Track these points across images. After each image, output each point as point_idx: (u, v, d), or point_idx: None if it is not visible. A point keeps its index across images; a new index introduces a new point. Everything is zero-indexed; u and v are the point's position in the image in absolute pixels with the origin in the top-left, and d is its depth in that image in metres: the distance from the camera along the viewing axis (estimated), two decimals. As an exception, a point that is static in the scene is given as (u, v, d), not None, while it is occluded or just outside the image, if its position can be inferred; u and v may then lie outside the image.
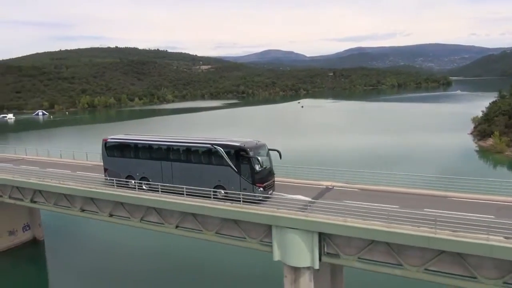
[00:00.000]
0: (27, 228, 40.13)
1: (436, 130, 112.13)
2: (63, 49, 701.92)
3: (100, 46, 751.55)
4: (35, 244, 40.67)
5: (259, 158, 24.72)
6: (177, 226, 26.00)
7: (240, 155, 24.85)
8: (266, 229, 22.04)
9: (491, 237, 16.39)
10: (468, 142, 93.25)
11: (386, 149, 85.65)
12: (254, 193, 24.12)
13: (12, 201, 33.31)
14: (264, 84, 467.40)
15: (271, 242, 21.69)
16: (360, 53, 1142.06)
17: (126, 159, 30.30)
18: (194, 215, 24.82)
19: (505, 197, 21.58)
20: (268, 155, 26.38)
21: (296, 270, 21.10)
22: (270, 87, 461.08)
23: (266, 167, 25.65)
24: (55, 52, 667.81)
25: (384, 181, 26.76)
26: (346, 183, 26.87)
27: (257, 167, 24.66)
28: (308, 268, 20.83)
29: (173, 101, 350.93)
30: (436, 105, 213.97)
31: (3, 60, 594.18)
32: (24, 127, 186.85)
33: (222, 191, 25.23)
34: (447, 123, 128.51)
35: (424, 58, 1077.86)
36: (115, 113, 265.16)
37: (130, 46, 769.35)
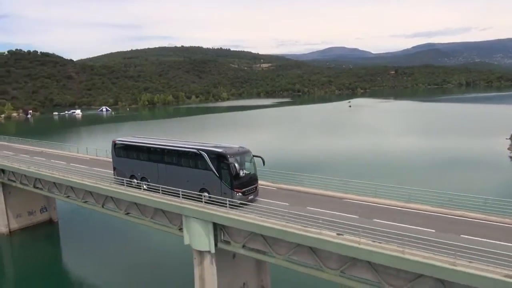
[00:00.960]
0: (44, 210, 47.59)
1: (485, 135, 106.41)
2: (134, 48, 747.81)
3: (167, 46, 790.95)
4: (51, 224, 47.99)
5: (237, 164, 25.19)
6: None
7: (220, 161, 25.60)
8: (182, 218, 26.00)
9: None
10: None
11: (407, 153, 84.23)
12: (233, 197, 24.66)
13: (35, 190, 39.80)
14: (320, 83, 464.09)
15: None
16: (429, 50, 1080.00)
17: (130, 160, 32.09)
18: (137, 204, 29.29)
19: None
20: (251, 161, 26.84)
21: (201, 253, 24.69)
22: (326, 86, 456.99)
23: (247, 173, 26.09)
24: (127, 51, 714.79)
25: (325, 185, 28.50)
26: (272, 183, 29.90)
27: (236, 173, 25.15)
28: (209, 252, 24.51)
29: (228, 99, 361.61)
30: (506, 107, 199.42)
31: (81, 60, 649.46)
32: (87, 121, 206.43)
33: (207, 194, 26.06)
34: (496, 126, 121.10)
35: (504, 54, 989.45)
36: (173, 110, 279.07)
37: (195, 45, 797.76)
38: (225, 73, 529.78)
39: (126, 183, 30.35)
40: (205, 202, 25.19)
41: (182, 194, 25.83)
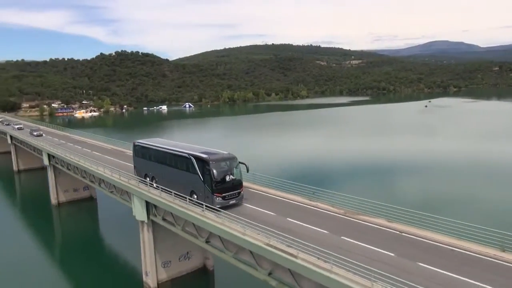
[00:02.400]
0: (86, 188, 59.66)
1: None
2: (227, 47, 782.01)
3: (259, 44, 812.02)
4: (91, 200, 59.99)
5: (216, 170, 26.54)
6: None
7: (204, 166, 27.16)
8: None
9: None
10: None
11: (452, 161, 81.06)
12: (213, 201, 26.27)
13: (73, 174, 51.21)
14: (409, 81, 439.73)
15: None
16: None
17: (144, 160, 35.02)
18: (115, 187, 37.97)
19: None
20: (235, 167, 27.82)
21: (141, 223, 32.55)
22: (415, 84, 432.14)
23: (230, 179, 27.08)
24: (220, 50, 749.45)
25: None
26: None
27: (216, 178, 26.43)
28: (144, 222, 32.20)
29: (307, 97, 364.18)
30: None
31: (179, 59, 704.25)
32: (170, 116, 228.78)
33: (195, 196, 27.93)
34: None
35: None
36: (253, 107, 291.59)
37: (285, 43, 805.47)
38: (310, 70, 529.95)
39: (140, 180, 33.77)
40: (192, 203, 27.14)
41: (175, 194, 28.43)
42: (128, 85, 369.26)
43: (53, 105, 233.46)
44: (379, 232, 21.64)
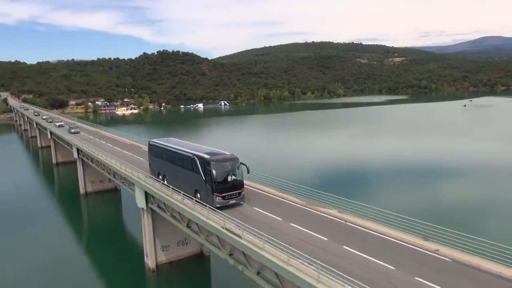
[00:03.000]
0: (111, 180, 65.41)
1: None
2: (267, 45, 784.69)
3: (300, 42, 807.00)
4: (115, 191, 65.34)
5: (216, 170, 27.33)
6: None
7: (205, 166, 27.98)
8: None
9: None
10: None
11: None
12: (213, 201, 27.14)
13: (95, 167, 56.81)
14: (452, 79, 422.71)
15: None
16: None
17: (157, 159, 36.59)
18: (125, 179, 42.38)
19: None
20: (237, 168, 28.44)
21: (142, 209, 36.66)
22: (459, 82, 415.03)
23: (230, 179, 27.72)
24: (260, 49, 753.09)
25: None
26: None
27: (216, 178, 27.21)
28: (144, 209, 36.28)
29: (344, 96, 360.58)
30: None
31: (219, 57, 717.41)
32: (205, 114, 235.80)
33: (199, 195, 28.84)
34: None
35: None
36: (288, 105, 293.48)
37: (326, 41, 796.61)
38: (349, 68, 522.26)
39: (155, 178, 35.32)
40: (197, 202, 27.93)
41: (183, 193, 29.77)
42: (168, 83, 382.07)
43: (97, 102, 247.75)
44: (331, 222, 24.22)
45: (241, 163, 29.08)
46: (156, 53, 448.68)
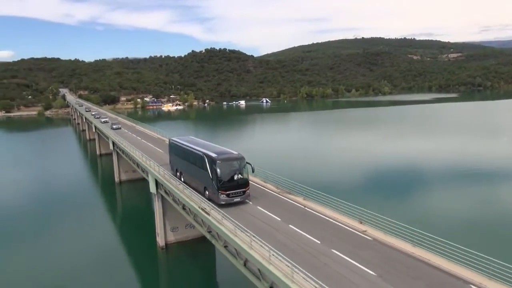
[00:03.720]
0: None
1: None
2: (314, 42, 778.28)
3: (350, 38, 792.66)
4: (144, 180, 70.77)
5: (221, 169, 28.55)
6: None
7: (212, 164, 29.22)
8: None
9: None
10: None
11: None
12: (218, 198, 28.51)
13: (125, 158, 63.77)
14: (510, 76, 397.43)
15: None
16: None
17: (175, 156, 38.78)
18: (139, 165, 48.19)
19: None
20: (242, 167, 29.50)
21: (154, 194, 42.15)
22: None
23: (235, 178, 28.90)
24: (307, 45, 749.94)
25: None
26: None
27: (221, 176, 28.41)
28: (155, 194, 41.75)
29: (390, 93, 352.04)
30: None
31: (267, 54, 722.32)
32: (246, 111, 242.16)
33: (207, 192, 30.29)
34: None
35: None
36: (331, 103, 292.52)
37: (377, 36, 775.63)
38: (399, 65, 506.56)
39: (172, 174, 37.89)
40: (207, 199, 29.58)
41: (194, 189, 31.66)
42: (214, 80, 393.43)
43: (145, 99, 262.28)
44: (296, 209, 28.12)
45: (247, 163, 30.13)
46: (204, 50, 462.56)
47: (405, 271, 17.63)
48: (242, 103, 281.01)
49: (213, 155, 29.86)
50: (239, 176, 29.28)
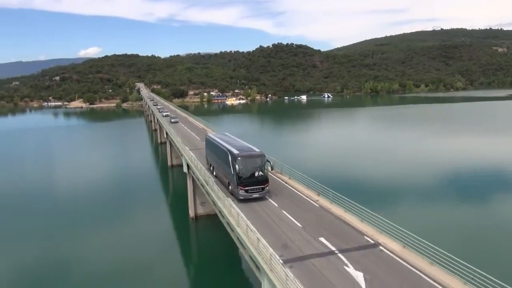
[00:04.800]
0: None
1: None
2: (388, 35, 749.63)
3: (425, 30, 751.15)
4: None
5: (241, 165, 29.68)
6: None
7: (234, 160, 30.26)
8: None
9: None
10: None
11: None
12: (237, 193, 29.88)
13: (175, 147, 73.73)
14: None
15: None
16: None
17: (210, 151, 40.62)
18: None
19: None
20: (262, 164, 30.39)
21: (186, 174, 50.48)
22: None
23: (256, 174, 29.81)
24: (380, 38, 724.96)
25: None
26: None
27: (240, 172, 29.55)
28: (187, 173, 50.05)
29: (463, 89, 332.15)
30: None
31: (337, 48, 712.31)
32: (307, 105, 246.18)
33: (231, 187, 31.67)
34: None
35: None
36: (397, 98, 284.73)
37: (458, 27, 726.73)
38: (478, 58, 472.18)
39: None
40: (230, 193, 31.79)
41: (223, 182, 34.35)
42: (280, 75, 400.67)
43: (211, 93, 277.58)
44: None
45: (267, 160, 31.20)
46: (271, 46, 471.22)
47: (324, 226, 23.37)
48: (304, 97, 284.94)
49: (235, 151, 31.07)
50: (260, 173, 30.13)
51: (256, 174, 29.92)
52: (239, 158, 29.84)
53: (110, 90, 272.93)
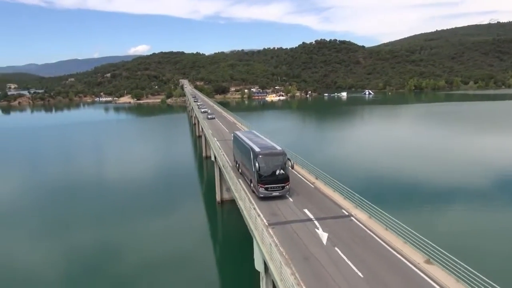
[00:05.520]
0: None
1: None
2: (439, 29, 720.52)
3: (480, 23, 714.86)
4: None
5: (262, 163, 29.86)
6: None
7: (255, 158, 30.58)
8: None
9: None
10: None
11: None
12: (258, 190, 29.98)
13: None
14: None
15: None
16: None
17: (236, 149, 41.32)
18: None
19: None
20: (283, 162, 30.36)
21: (213, 162, 56.14)
22: None
23: (277, 173, 29.81)
24: (429, 33, 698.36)
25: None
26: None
27: (260, 170, 29.76)
28: (215, 162, 55.55)
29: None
30: None
31: (383, 44, 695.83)
32: (348, 102, 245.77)
33: (252, 184, 32.13)
34: None
35: None
36: (443, 96, 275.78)
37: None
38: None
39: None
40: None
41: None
42: (321, 72, 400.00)
43: (252, 89, 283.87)
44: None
45: (288, 159, 31.29)
46: (314, 42, 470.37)
47: (313, 201, 27.74)
48: (344, 94, 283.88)
49: (257, 149, 31.41)
50: (281, 171, 30.17)
51: (277, 172, 30.05)
52: (260, 156, 30.25)
53: (156, 87, 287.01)
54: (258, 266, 22.68)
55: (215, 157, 55.08)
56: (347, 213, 26.24)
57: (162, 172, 76.68)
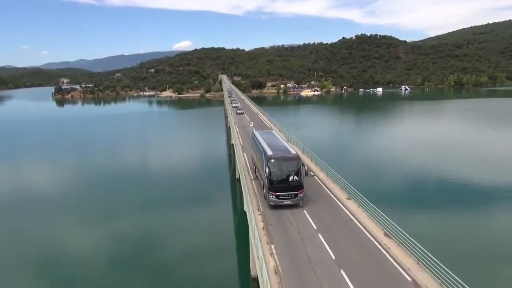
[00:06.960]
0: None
1: None
2: (490, 22, 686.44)
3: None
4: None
5: (272, 167, 27.62)
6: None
7: (267, 161, 28.36)
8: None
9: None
10: None
11: None
12: (268, 197, 27.80)
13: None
14: None
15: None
16: None
17: (252, 148, 40.52)
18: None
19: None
20: (296, 168, 27.73)
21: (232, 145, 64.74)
22: None
23: (290, 179, 27.42)
24: (480, 26, 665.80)
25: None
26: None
27: (271, 175, 27.54)
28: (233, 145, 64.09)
29: None
30: None
31: (430, 38, 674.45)
32: (383, 98, 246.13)
33: (264, 189, 29.92)
34: None
35: None
36: (486, 92, 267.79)
37: None
38: None
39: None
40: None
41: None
42: (360, 67, 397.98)
43: (287, 84, 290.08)
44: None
45: (302, 164, 28.61)
46: (354, 37, 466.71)
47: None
48: (379, 90, 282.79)
49: (269, 152, 29.32)
50: (294, 177, 27.82)
51: (290, 178, 27.78)
52: (271, 160, 28.10)
53: (196, 82, 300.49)
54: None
55: (233, 145, 63.55)
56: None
57: (195, 159, 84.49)
